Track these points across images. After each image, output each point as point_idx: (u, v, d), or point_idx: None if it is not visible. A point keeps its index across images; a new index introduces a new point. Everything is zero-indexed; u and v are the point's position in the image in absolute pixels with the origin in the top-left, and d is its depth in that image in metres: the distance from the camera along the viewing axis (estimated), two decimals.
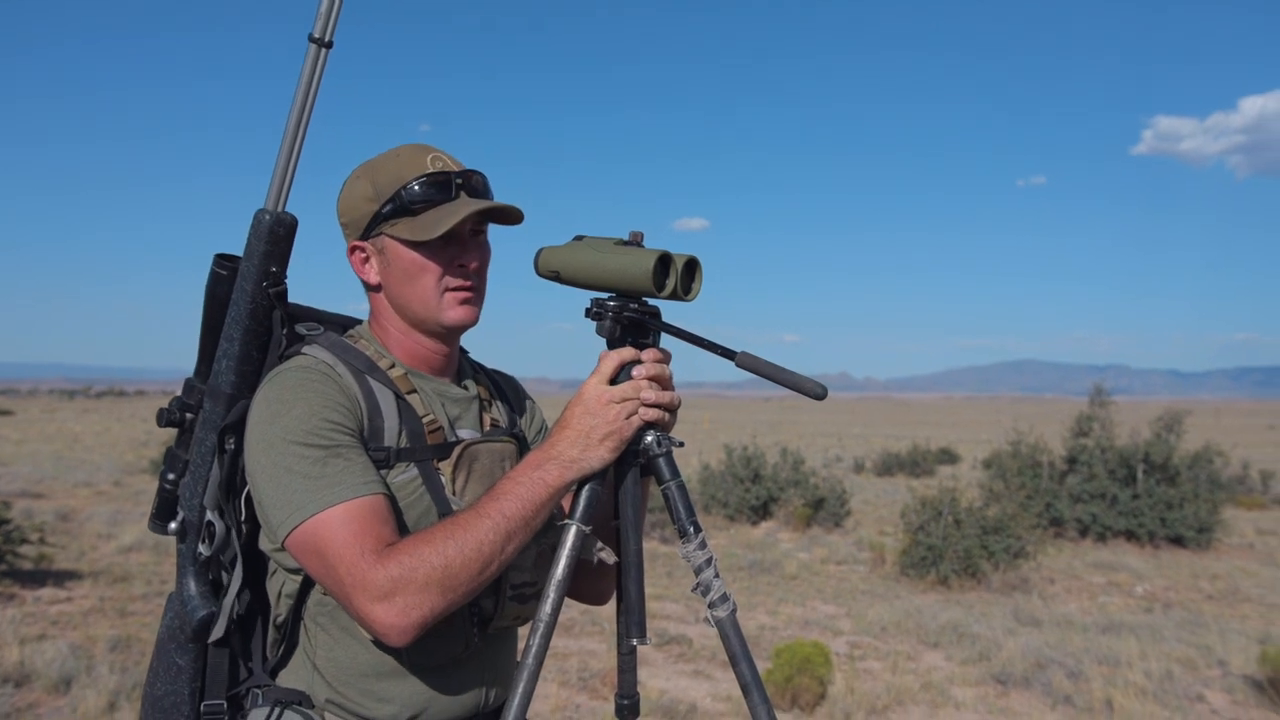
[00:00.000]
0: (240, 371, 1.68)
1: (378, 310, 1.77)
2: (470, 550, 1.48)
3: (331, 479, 1.52)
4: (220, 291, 1.70)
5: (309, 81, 1.61)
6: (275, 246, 1.66)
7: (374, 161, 1.71)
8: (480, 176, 1.72)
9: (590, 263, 1.63)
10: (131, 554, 10.88)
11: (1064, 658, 7.63)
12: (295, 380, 1.60)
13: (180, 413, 1.73)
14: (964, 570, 11.06)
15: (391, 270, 1.70)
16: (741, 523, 15.81)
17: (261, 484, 1.56)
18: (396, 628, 1.45)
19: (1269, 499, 20.91)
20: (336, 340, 1.72)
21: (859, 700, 6.46)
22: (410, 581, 1.45)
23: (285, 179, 1.65)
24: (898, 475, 26.88)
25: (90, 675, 6.22)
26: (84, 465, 21.72)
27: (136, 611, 8.32)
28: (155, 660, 1.75)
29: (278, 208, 1.66)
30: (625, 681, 1.78)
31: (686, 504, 1.63)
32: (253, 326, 1.67)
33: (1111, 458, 15.44)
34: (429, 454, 1.67)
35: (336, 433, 1.57)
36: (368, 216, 1.69)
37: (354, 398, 1.63)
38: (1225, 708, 6.78)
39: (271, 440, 1.55)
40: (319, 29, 1.60)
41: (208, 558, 1.68)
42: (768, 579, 11.25)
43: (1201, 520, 14.32)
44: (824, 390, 1.53)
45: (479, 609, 1.66)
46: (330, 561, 1.49)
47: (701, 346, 1.61)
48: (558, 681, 6.64)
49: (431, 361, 1.77)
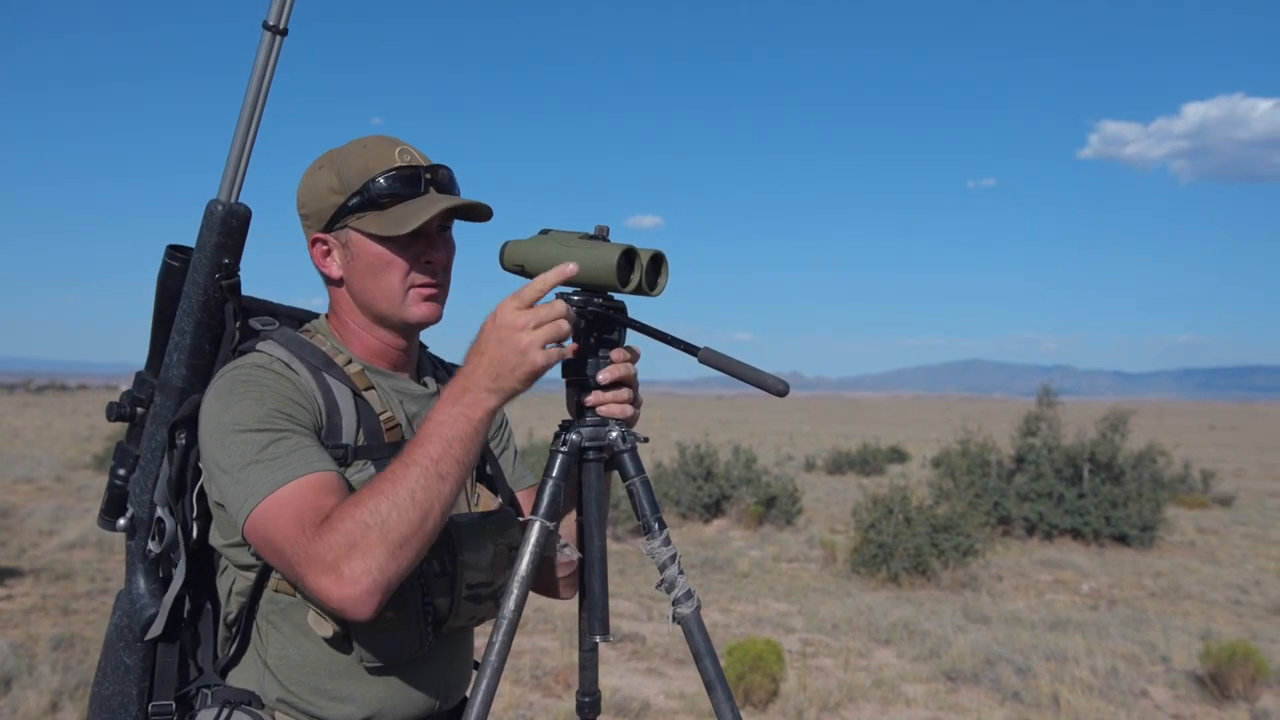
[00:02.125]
0: (191, 365, 1.64)
1: (338, 304, 1.73)
2: (404, 500, 1.42)
3: (280, 461, 1.49)
4: (172, 283, 1.67)
5: (263, 70, 1.57)
6: (228, 238, 1.62)
7: (338, 152, 1.67)
8: (447, 171, 1.69)
9: (555, 256, 1.61)
10: (74, 551, 10.67)
11: (1012, 654, 7.73)
12: (247, 376, 1.57)
13: (131, 407, 1.70)
14: (914, 568, 11.16)
15: (355, 264, 1.67)
16: (694, 520, 15.85)
17: (218, 478, 1.53)
18: (352, 598, 1.39)
19: (1210, 498, 21.34)
20: (292, 336, 1.68)
21: (811, 697, 6.50)
22: (353, 546, 1.39)
23: (239, 169, 1.62)
24: (848, 474, 27.08)
25: (31, 675, 6.09)
26: (24, 460, 21.29)
27: (80, 609, 8.16)
28: (103, 659, 1.72)
29: (230, 198, 1.62)
30: (586, 678, 1.77)
31: (651, 500, 1.62)
32: (204, 319, 1.64)
33: (1058, 457, 15.66)
34: (387, 452, 1.64)
35: (285, 420, 1.53)
36: (332, 208, 1.65)
37: (311, 395, 1.60)
38: (1168, 703, 6.91)
39: (223, 432, 1.52)
40: (273, 15, 1.56)
41: (157, 555, 1.65)
42: (720, 577, 11.29)
43: (1145, 519, 14.57)
44: (786, 387, 1.52)
45: (433, 608, 1.62)
46: (277, 544, 1.45)
47: (664, 341, 1.60)
48: (511, 680, 6.61)
49: (391, 357, 1.74)
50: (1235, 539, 15.99)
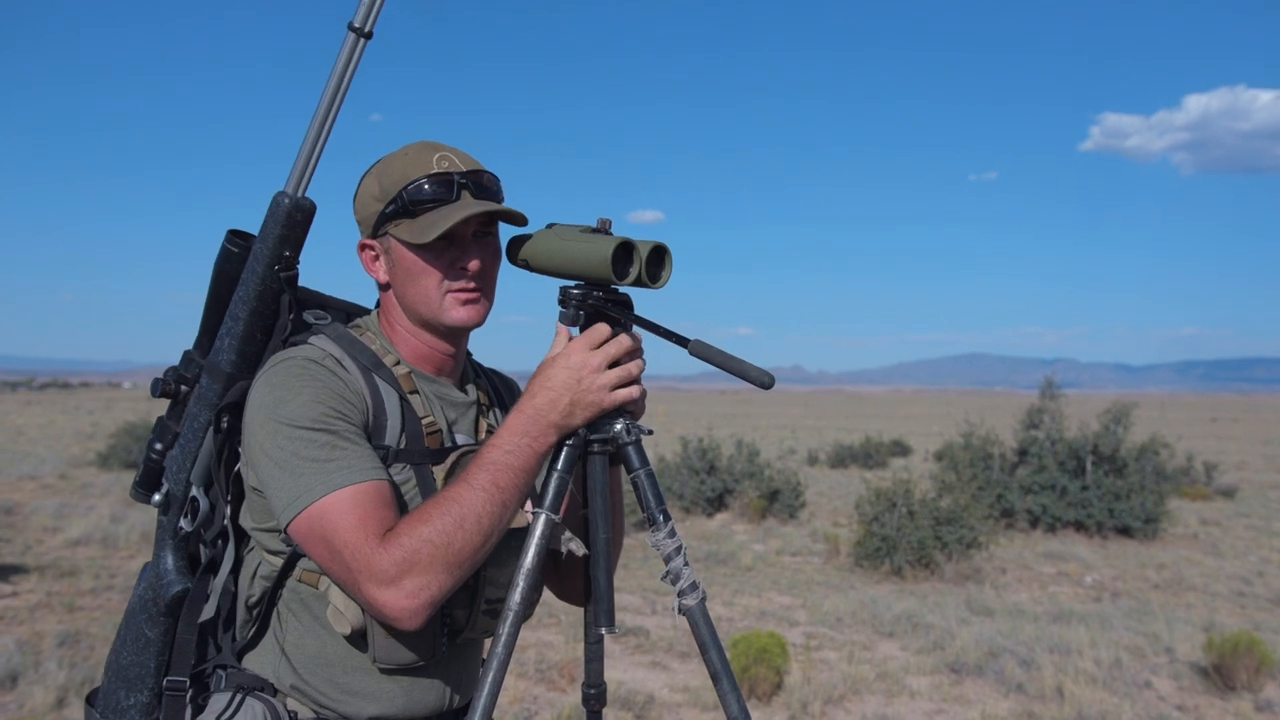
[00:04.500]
0: (242, 352, 1.66)
1: (387, 307, 1.76)
2: (470, 524, 1.48)
3: (338, 463, 1.52)
4: (229, 269, 1.68)
5: (343, 70, 1.59)
6: (291, 231, 1.64)
7: (386, 159, 1.69)
8: (489, 176, 1.70)
9: (554, 250, 1.63)
10: (79, 548, 10.69)
11: (1016, 646, 7.74)
12: (301, 369, 1.59)
13: (175, 384, 1.72)
14: (918, 561, 11.17)
15: (396, 270, 1.69)
16: (697, 514, 15.85)
17: (264, 469, 1.55)
18: (408, 610, 1.46)
19: (1212, 490, 21.33)
20: (343, 333, 1.71)
21: (815, 690, 6.50)
22: (415, 563, 1.45)
23: (309, 164, 1.63)
24: (851, 467, 27.08)
25: (38, 671, 6.11)
26: (28, 458, 21.30)
27: (85, 606, 8.17)
28: (123, 628, 1.74)
29: (298, 192, 1.63)
30: (592, 671, 1.78)
31: (656, 492, 1.63)
32: (259, 308, 1.65)
33: (1061, 449, 15.65)
34: (426, 458, 1.67)
35: (341, 421, 1.56)
36: (374, 216, 1.68)
37: (360, 393, 1.62)
38: (1172, 694, 6.92)
39: (276, 424, 1.54)
40: (359, 18, 1.57)
41: (188, 533, 1.67)
42: (723, 570, 11.29)
43: (1148, 511, 14.56)
44: (771, 379, 1.53)
45: (450, 619, 1.65)
46: (336, 547, 1.48)
47: (657, 334, 1.61)
48: (515, 674, 6.62)
49: (436, 361, 1.75)
50: (1238, 530, 15.99)
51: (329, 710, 1.65)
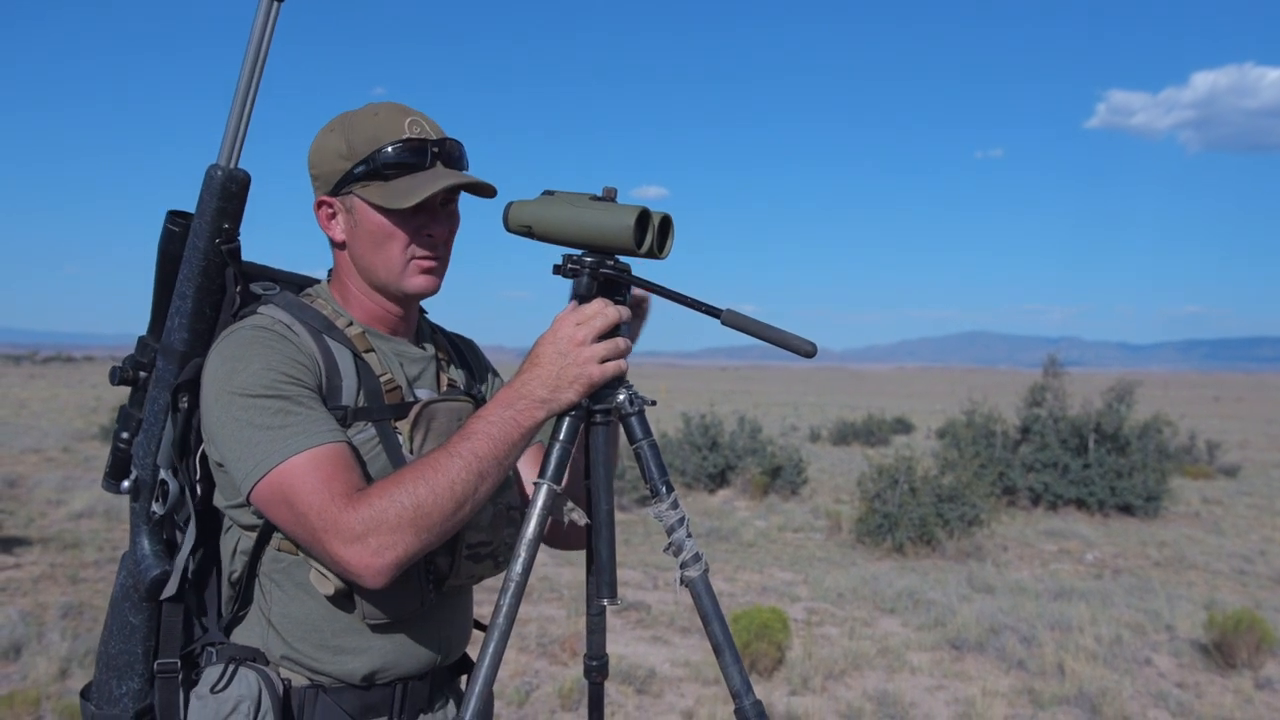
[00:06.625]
0: (193, 329, 1.65)
1: (340, 267, 1.75)
2: (442, 489, 1.47)
3: (295, 428, 1.52)
4: (173, 249, 1.67)
5: (260, 35, 1.56)
6: (228, 203, 1.62)
7: (350, 116, 1.67)
8: (457, 145, 1.69)
9: (567, 218, 1.59)
10: (82, 520, 10.72)
11: (1017, 623, 7.75)
12: (250, 337, 1.58)
13: (134, 370, 1.71)
14: (919, 538, 11.18)
15: (358, 231, 1.68)
16: (699, 490, 15.88)
17: (222, 440, 1.54)
18: (372, 568, 1.45)
19: (1215, 468, 21.34)
20: (292, 300, 1.69)
21: (816, 665, 6.52)
22: (382, 522, 1.44)
23: (238, 134, 1.61)
24: (853, 444, 27.11)
25: (41, 642, 6.14)
26: (32, 431, 21.38)
27: (88, 578, 8.21)
28: (109, 619, 1.74)
29: (230, 163, 1.61)
30: (594, 642, 1.77)
31: (659, 463, 1.62)
32: (205, 284, 1.64)
33: (1064, 427, 15.65)
34: (387, 413, 1.66)
35: (294, 385, 1.56)
36: (339, 174, 1.65)
37: (312, 357, 1.61)
38: (1172, 671, 6.93)
39: (230, 396, 1.54)
40: None
41: (161, 516, 1.67)
42: (725, 546, 11.32)
43: (1150, 489, 14.58)
44: (814, 347, 1.51)
45: (434, 566, 1.65)
46: (300, 509, 1.48)
47: (685, 304, 1.58)
48: (516, 647, 6.64)
49: (389, 322, 1.75)
50: (1240, 509, 16.00)
51: (322, 675, 1.64)
